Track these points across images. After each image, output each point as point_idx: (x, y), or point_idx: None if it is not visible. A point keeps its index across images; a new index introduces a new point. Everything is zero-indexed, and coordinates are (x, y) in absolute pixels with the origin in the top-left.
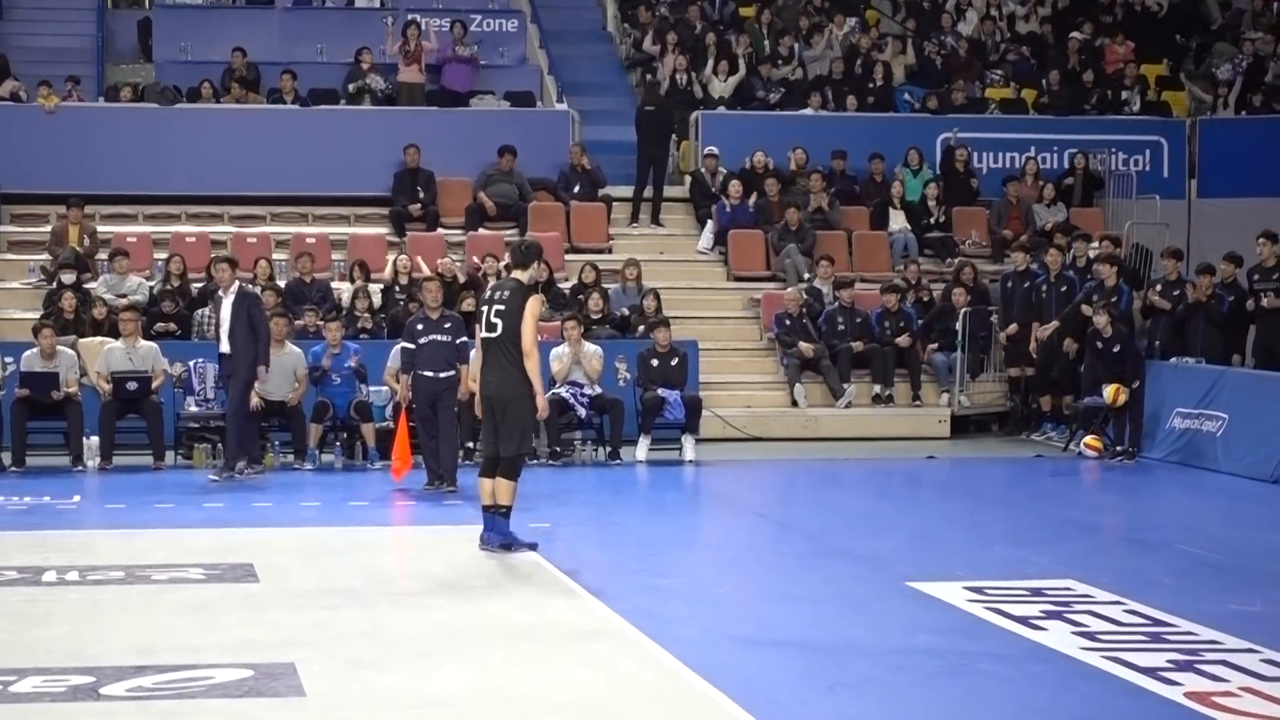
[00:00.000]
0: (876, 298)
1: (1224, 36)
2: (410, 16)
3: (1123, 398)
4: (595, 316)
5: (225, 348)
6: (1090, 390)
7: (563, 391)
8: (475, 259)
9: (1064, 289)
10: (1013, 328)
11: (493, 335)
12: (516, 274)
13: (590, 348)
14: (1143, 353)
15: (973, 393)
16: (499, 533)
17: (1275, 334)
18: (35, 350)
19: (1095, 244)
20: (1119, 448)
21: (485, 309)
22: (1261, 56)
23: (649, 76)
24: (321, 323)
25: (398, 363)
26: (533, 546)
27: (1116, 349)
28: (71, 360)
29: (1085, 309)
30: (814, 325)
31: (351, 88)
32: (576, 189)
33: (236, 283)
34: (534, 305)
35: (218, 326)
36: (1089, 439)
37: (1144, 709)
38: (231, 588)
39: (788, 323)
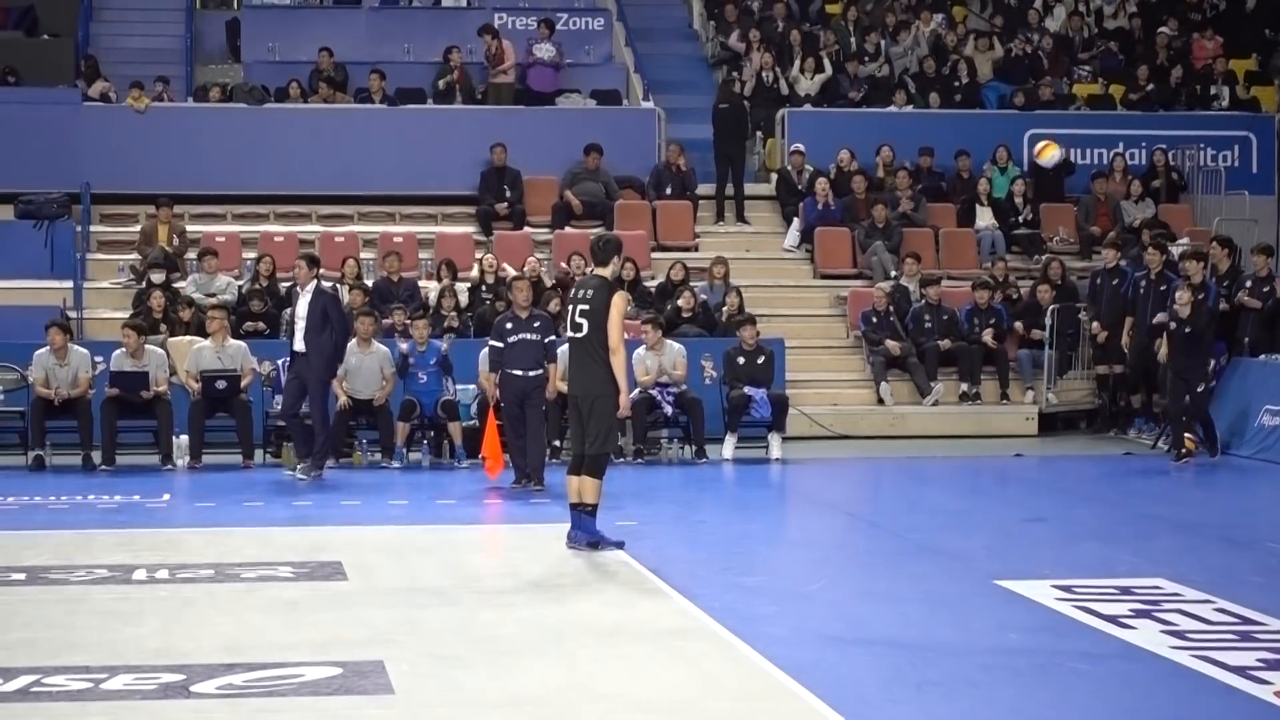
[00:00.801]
0: (963, 295)
1: None
2: (485, 22)
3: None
4: (686, 315)
5: (300, 345)
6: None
7: (650, 390)
8: (563, 264)
9: (1163, 288)
10: (1096, 327)
11: (578, 335)
12: (599, 271)
13: (673, 348)
14: (1219, 350)
15: (1060, 390)
16: (586, 531)
17: None
18: (123, 350)
19: (1184, 241)
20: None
21: (571, 308)
22: None
23: (733, 74)
24: (409, 321)
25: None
26: (620, 545)
27: (1189, 330)
28: (161, 359)
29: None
30: (900, 323)
31: (441, 84)
32: (669, 189)
33: (314, 280)
34: (619, 302)
35: (293, 323)
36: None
37: (1234, 708)
38: (320, 586)
39: (874, 320)
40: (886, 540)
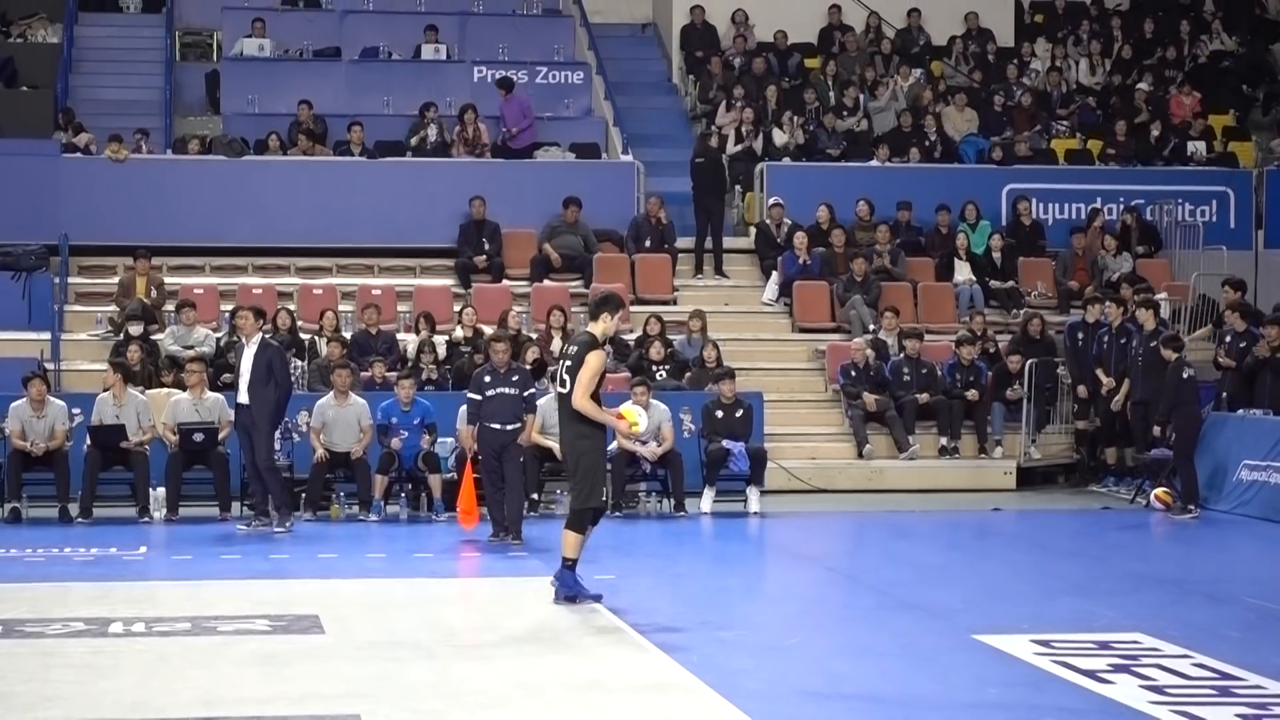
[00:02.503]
0: (942, 349)
1: None
2: (466, 102)
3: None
4: (656, 359)
5: (244, 398)
6: (1148, 440)
7: (628, 444)
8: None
9: (1123, 341)
10: (1110, 381)
11: (564, 391)
12: (590, 327)
13: (660, 410)
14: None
15: (1040, 445)
16: (564, 584)
17: None
18: (108, 393)
19: (1161, 296)
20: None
21: (560, 364)
22: None
23: (712, 127)
24: (388, 374)
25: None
26: (597, 598)
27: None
28: (143, 405)
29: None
30: (879, 377)
31: (414, 140)
32: (647, 242)
33: (259, 333)
34: (593, 360)
35: (237, 375)
36: (1158, 491)
37: None
38: (297, 639)
39: (853, 373)
40: (865, 595)
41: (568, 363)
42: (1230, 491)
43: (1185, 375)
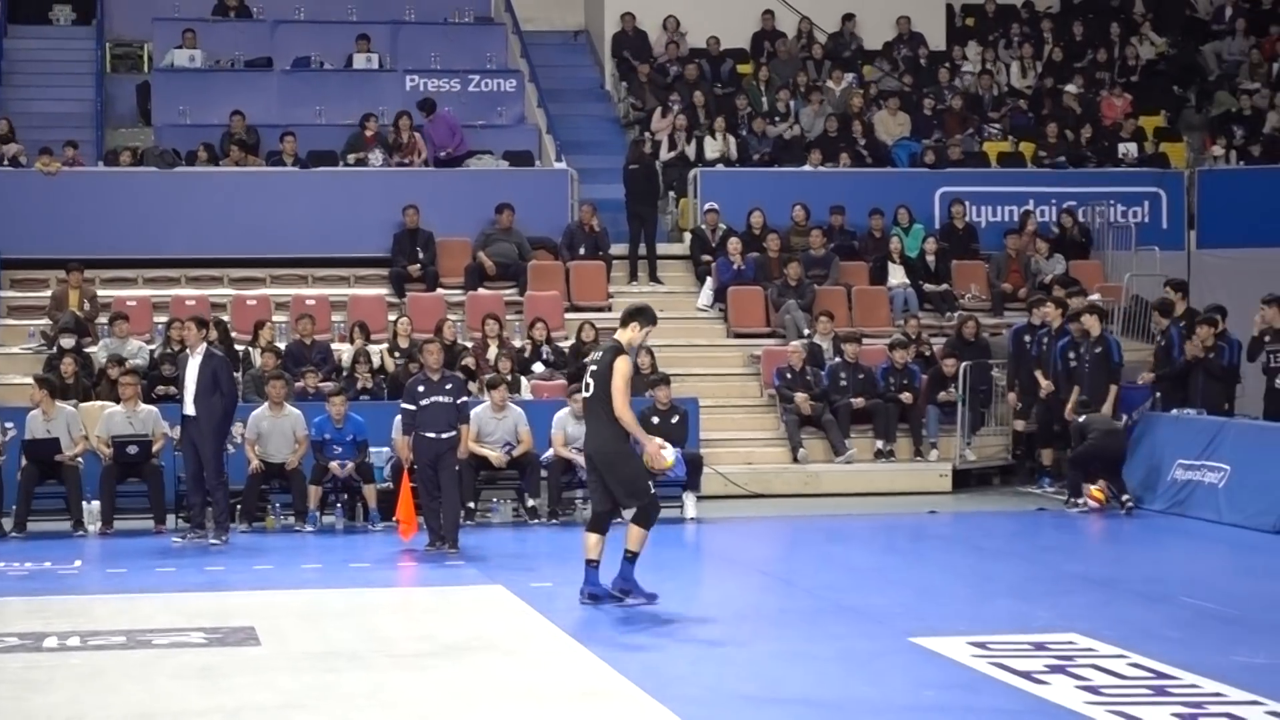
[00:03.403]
0: (877, 353)
1: (1221, 87)
2: (400, 107)
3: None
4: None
5: (190, 410)
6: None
7: (565, 451)
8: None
9: (1061, 342)
10: (1012, 397)
11: (587, 395)
12: (619, 334)
13: None
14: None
15: (975, 447)
16: (622, 577)
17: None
18: (38, 410)
19: (1095, 295)
20: (1125, 498)
21: (587, 368)
22: (1259, 107)
23: (647, 134)
24: (322, 385)
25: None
26: (652, 598)
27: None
28: (74, 417)
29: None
30: (815, 380)
31: (352, 158)
32: (581, 250)
33: (204, 343)
34: (620, 366)
35: (182, 387)
36: (1093, 490)
37: None
38: (233, 651)
39: (789, 376)
40: (801, 599)
41: (593, 367)
42: (1164, 491)
43: (1083, 418)
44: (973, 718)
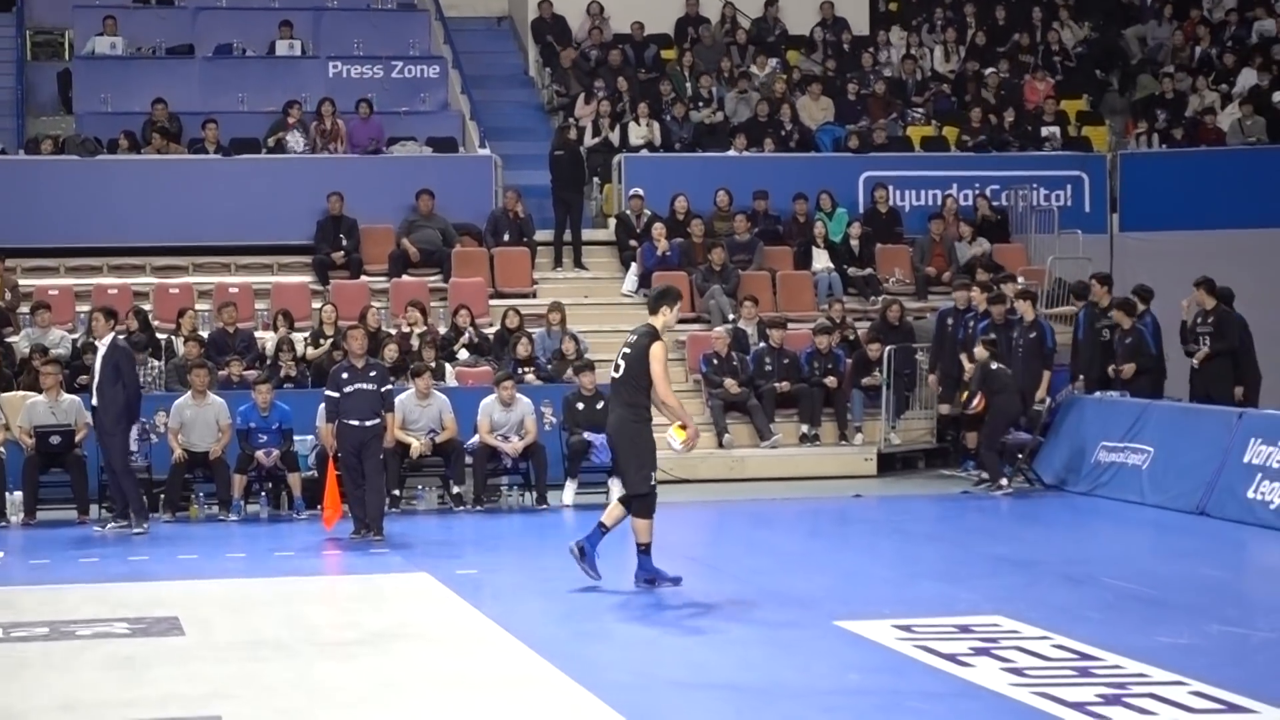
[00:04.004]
0: (802, 338)
1: (1144, 70)
2: (323, 93)
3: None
4: (521, 357)
5: (95, 399)
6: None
7: (490, 438)
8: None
9: (984, 324)
10: (932, 380)
11: (616, 375)
12: (651, 320)
13: (524, 404)
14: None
15: (900, 430)
16: (643, 569)
17: (1213, 381)
18: None
19: (1021, 280)
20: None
21: (620, 350)
22: (1181, 91)
23: (571, 120)
24: (246, 373)
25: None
26: (677, 581)
27: (1021, 347)
28: None
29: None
30: (740, 366)
31: (271, 141)
32: (506, 236)
33: (111, 334)
34: (657, 350)
35: (91, 377)
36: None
37: None
38: (157, 641)
39: (715, 362)
40: (727, 584)
41: (625, 350)
42: (1088, 473)
43: (994, 366)
44: (898, 700)
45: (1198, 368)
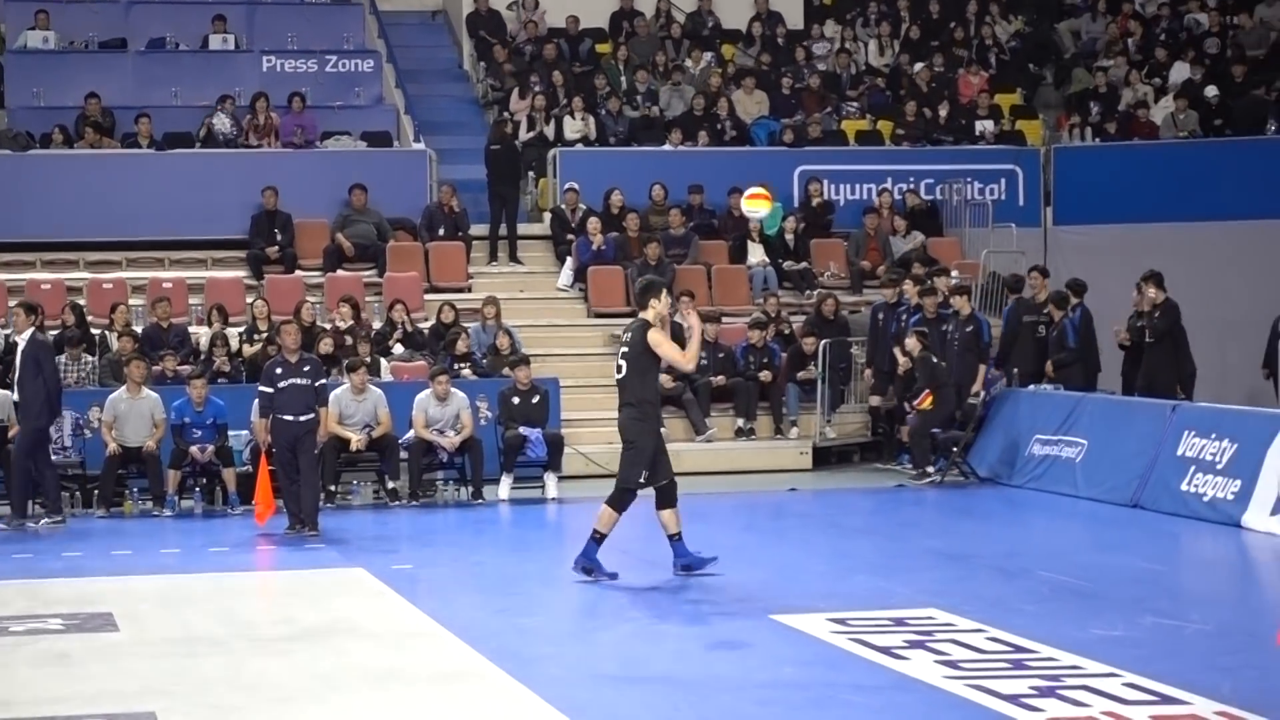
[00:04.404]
0: (737, 332)
1: (1078, 64)
2: (258, 87)
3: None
4: (457, 352)
5: (15, 395)
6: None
7: (425, 433)
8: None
9: (916, 319)
10: (868, 374)
11: (619, 376)
12: (642, 314)
13: (459, 398)
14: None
15: (835, 424)
16: (585, 555)
17: (1156, 372)
18: None
19: (955, 274)
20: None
21: (618, 351)
22: (1114, 84)
23: (505, 114)
24: (180, 368)
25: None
26: (613, 576)
27: (958, 341)
28: None
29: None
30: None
31: (201, 132)
32: (441, 230)
33: (31, 329)
34: (654, 335)
35: (11, 372)
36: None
37: None
38: (91, 637)
39: None
40: (662, 578)
41: (624, 349)
42: (1023, 466)
43: (933, 360)
44: (832, 694)
45: (1148, 349)
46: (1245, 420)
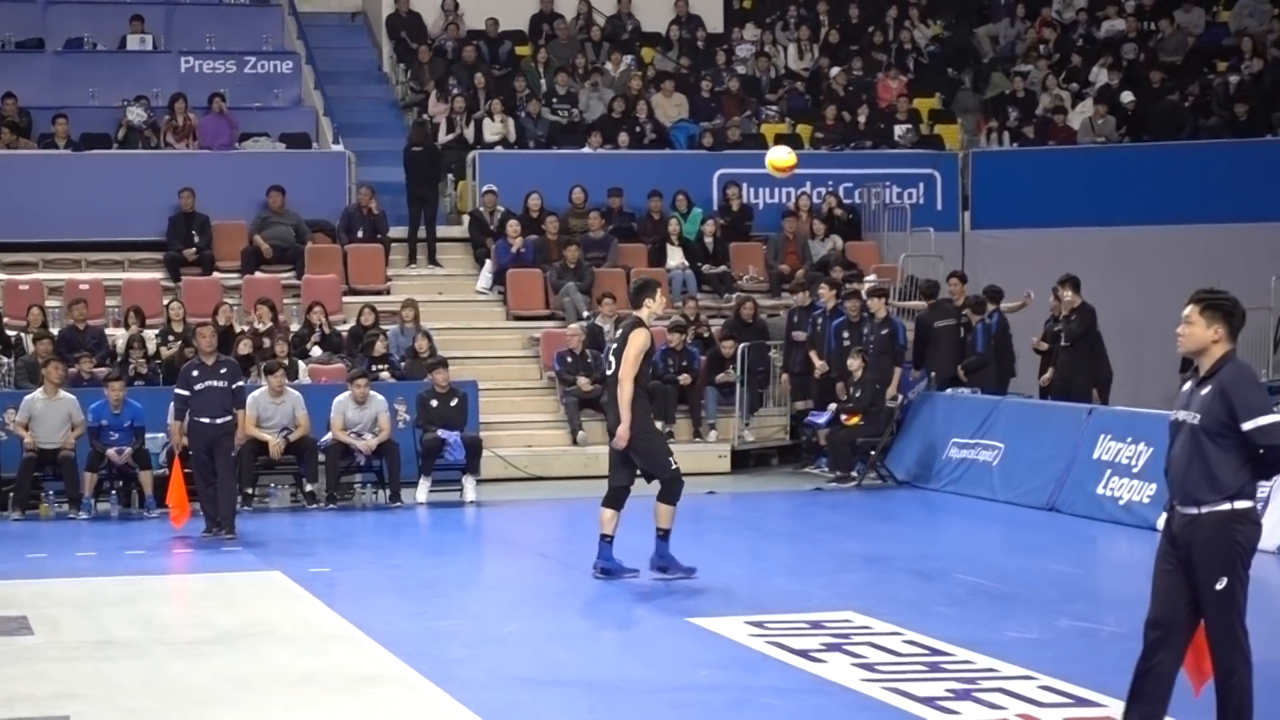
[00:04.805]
0: (657, 335)
1: (996, 69)
2: (176, 88)
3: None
4: (376, 354)
5: None
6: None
7: (343, 436)
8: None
9: (836, 321)
10: (785, 379)
11: (609, 372)
12: (635, 312)
13: (377, 401)
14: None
15: (754, 427)
16: (659, 555)
17: (1071, 376)
18: None
19: (871, 277)
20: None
21: (607, 348)
22: (1032, 89)
23: (425, 116)
24: (96, 370)
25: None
26: (690, 572)
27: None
28: None
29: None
30: (595, 363)
31: (120, 133)
32: (360, 232)
33: None
34: (635, 338)
35: None
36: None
37: None
38: (5, 641)
39: (569, 360)
40: (581, 581)
41: (614, 345)
42: (940, 470)
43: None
44: (750, 697)
45: (1058, 361)
46: (1161, 424)
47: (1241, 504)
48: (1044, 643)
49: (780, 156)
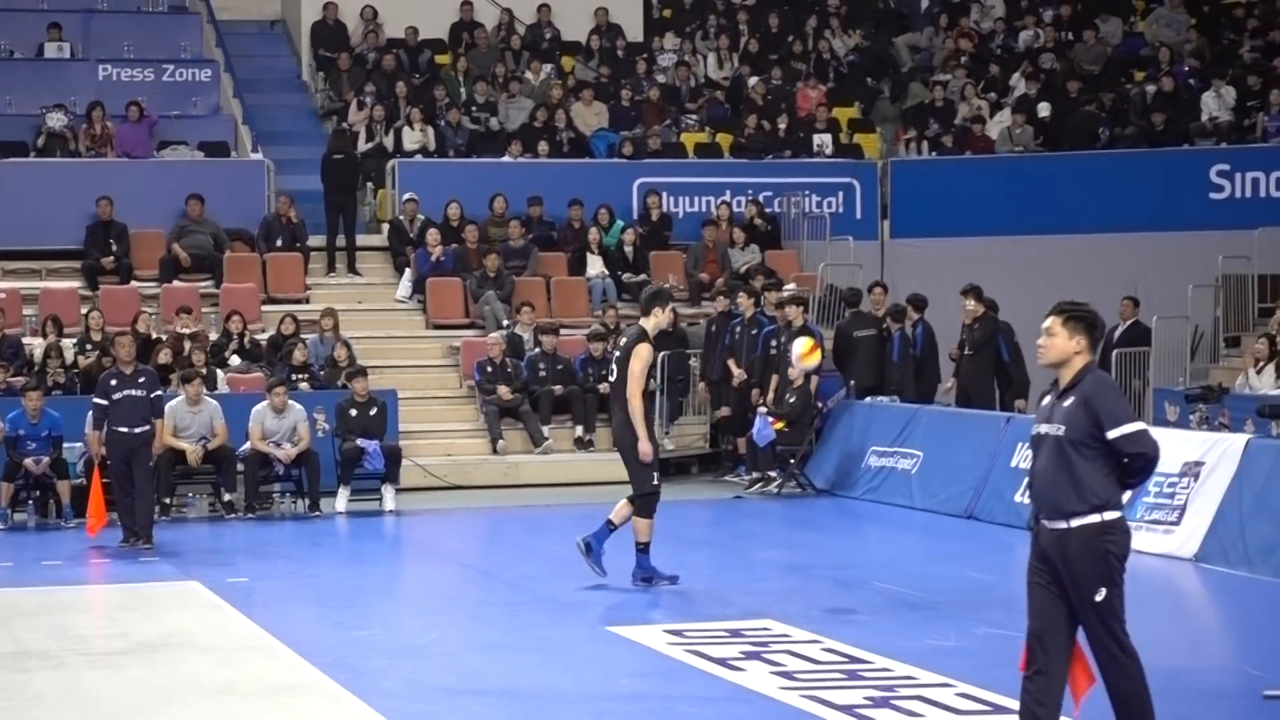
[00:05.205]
0: (576, 344)
1: (914, 78)
2: (92, 96)
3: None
4: (295, 363)
5: None
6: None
7: (262, 445)
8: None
9: (754, 332)
10: (740, 373)
11: (612, 379)
12: (643, 322)
13: (296, 410)
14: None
15: (674, 436)
16: (641, 567)
17: (972, 383)
18: None
19: (790, 286)
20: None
21: (611, 354)
22: (951, 99)
23: (344, 124)
24: (12, 380)
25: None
26: (673, 579)
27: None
28: None
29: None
30: (515, 371)
31: (40, 141)
32: (279, 241)
33: None
34: (640, 351)
35: None
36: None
37: None
38: None
39: (489, 369)
40: (500, 590)
41: (617, 353)
42: (860, 478)
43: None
44: (669, 705)
45: (960, 369)
46: None
47: (1110, 514)
48: (962, 650)
49: (802, 349)
